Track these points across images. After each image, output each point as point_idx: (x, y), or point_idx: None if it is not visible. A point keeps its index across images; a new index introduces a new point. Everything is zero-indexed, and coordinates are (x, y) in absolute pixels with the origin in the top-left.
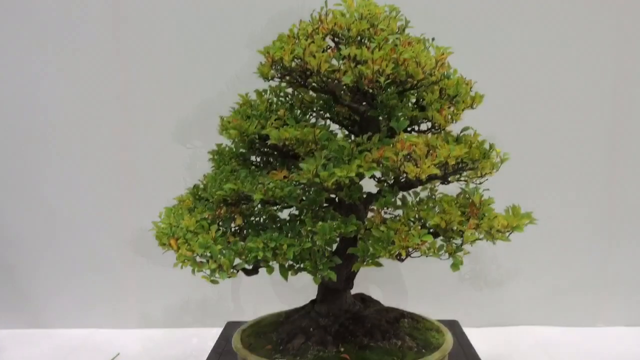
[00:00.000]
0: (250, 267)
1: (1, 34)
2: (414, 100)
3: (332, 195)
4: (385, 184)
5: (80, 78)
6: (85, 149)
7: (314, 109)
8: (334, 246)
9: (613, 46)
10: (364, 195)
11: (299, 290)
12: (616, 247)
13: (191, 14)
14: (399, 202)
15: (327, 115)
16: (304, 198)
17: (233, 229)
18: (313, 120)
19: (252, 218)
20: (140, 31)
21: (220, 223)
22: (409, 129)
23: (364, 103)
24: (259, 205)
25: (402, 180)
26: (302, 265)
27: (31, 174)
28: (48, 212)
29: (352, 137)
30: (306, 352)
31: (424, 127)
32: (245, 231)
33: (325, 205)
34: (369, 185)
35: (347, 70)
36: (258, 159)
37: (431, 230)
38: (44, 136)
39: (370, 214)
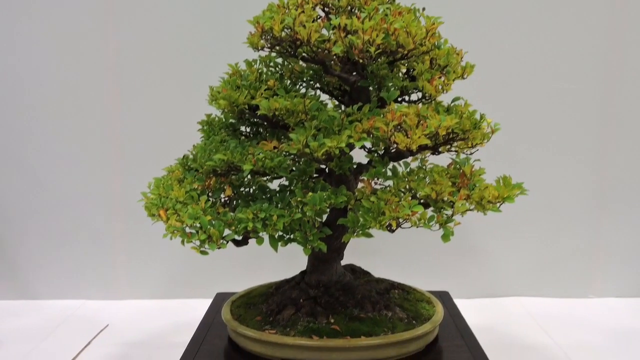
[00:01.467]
0: (240, 237)
1: None
2: (404, 71)
3: (322, 166)
4: (376, 155)
5: (69, 47)
6: (74, 119)
7: (304, 79)
8: (324, 217)
9: (606, 14)
10: (354, 166)
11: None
12: (607, 219)
13: None
14: (389, 173)
15: (317, 85)
16: (294, 169)
17: (223, 200)
18: (303, 90)
19: (242, 189)
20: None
21: (209, 194)
22: (399, 99)
23: (354, 73)
24: (249, 176)
25: (393, 150)
26: (292, 236)
27: (19, 144)
28: (36, 182)
29: (343, 107)
30: (296, 323)
31: (414, 97)
32: (234, 202)
33: (315, 175)
34: (359, 156)
35: (337, 40)
36: (248, 130)
37: (422, 201)
38: (32, 106)
39: (360, 185)
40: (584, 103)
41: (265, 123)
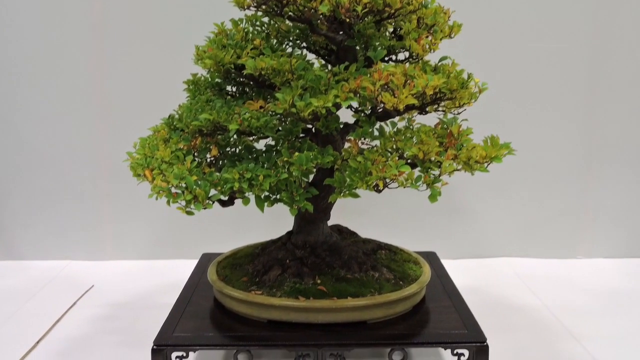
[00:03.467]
0: (226, 198)
1: None
2: (391, 30)
3: (309, 126)
4: (363, 114)
5: (54, 5)
6: (59, 78)
7: (291, 39)
8: (311, 177)
9: None
10: (341, 126)
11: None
12: (595, 179)
13: None
14: (376, 133)
15: (304, 44)
16: (280, 128)
17: (208, 160)
18: (289, 49)
19: (228, 149)
20: None
21: (195, 154)
22: (386, 58)
23: (341, 32)
24: (235, 136)
25: (380, 110)
26: (278, 196)
27: (3, 104)
28: (21, 142)
29: (329, 66)
30: (282, 284)
31: (401, 56)
32: (220, 162)
33: (301, 135)
34: (346, 116)
35: None
36: (234, 89)
37: (409, 160)
38: (17, 65)
39: (347, 145)
40: (572, 63)
41: (252, 83)
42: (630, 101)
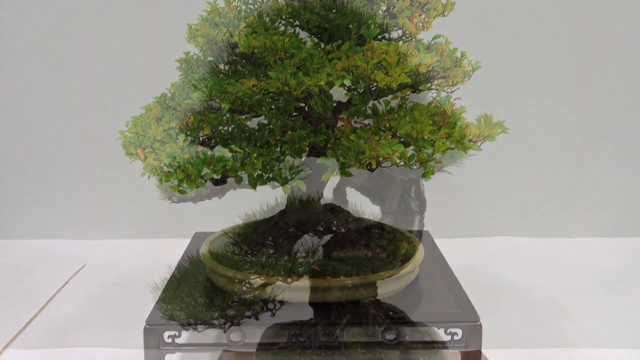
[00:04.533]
0: (219, 176)
1: None
2: (384, 8)
3: (302, 104)
4: (356, 93)
5: None
6: (52, 58)
7: (283, 17)
8: (304, 156)
9: None
10: (334, 104)
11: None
12: (590, 158)
13: None
14: (369, 111)
15: (297, 23)
16: (273, 107)
17: (201, 139)
18: (282, 28)
19: (221, 127)
20: None
21: (188, 132)
22: (379, 37)
23: (334, 10)
24: (228, 115)
25: (373, 88)
26: (271, 175)
27: None
28: (13, 120)
29: (322, 45)
30: (275, 263)
31: (394, 35)
32: (213, 140)
33: (294, 114)
34: (338, 94)
35: None
36: (226, 68)
37: (402, 139)
38: (7, 45)
39: (340, 123)
40: (566, 42)
41: (244, 61)
42: (624, 80)
